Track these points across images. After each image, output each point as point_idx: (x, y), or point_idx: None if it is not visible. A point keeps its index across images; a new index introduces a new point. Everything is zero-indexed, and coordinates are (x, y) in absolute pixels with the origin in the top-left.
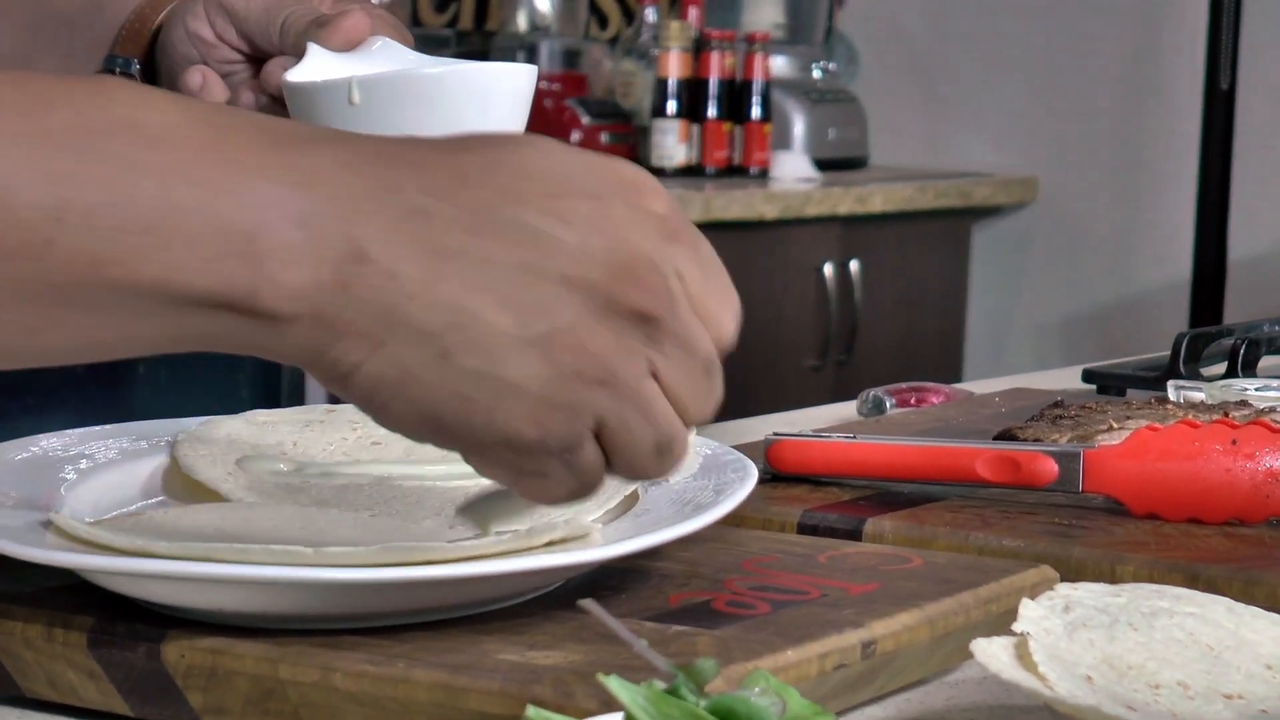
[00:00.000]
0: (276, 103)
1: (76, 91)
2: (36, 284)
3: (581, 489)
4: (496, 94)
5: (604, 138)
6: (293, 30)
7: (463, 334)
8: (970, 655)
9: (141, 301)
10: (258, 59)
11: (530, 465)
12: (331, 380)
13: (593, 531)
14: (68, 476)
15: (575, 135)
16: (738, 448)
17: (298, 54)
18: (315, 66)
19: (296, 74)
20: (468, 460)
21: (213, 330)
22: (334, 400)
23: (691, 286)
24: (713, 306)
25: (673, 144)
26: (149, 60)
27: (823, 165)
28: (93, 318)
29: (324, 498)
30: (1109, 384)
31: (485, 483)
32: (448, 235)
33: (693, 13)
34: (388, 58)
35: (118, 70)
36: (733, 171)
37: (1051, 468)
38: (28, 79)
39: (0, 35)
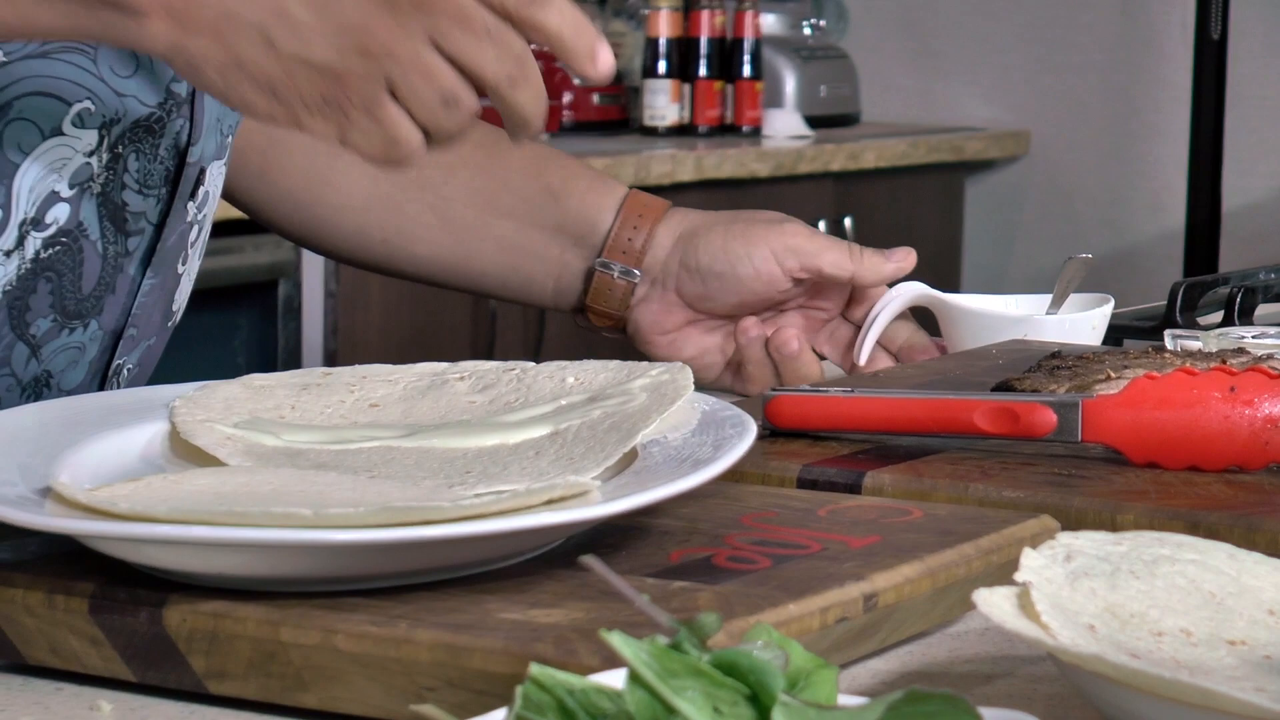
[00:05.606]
0: None
1: None
2: None
3: (394, 141)
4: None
5: (595, 99)
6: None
7: (278, 26)
8: (972, 606)
9: None
10: None
11: (348, 124)
12: (189, 70)
13: (592, 489)
14: (67, 444)
15: (567, 97)
16: (735, 404)
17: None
18: None
19: None
20: (300, 124)
21: (94, 24)
22: (330, 363)
23: None
24: None
25: (664, 104)
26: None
27: (814, 122)
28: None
29: (323, 460)
30: (1106, 334)
31: (483, 444)
32: None
33: None
34: None
35: (615, 274)
36: (725, 130)
37: (1050, 418)
38: None
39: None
